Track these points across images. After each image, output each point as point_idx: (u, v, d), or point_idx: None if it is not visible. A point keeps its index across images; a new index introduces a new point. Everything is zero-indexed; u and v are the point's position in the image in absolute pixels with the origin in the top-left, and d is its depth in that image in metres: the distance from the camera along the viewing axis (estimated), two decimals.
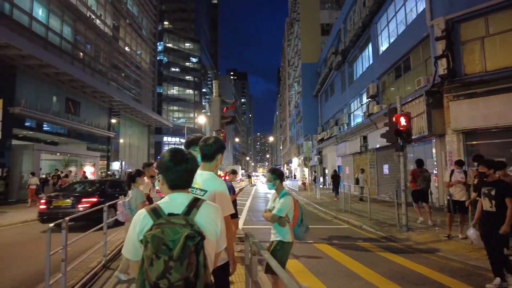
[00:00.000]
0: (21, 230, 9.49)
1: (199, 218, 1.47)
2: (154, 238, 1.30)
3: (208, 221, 1.51)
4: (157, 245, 1.29)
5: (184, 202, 1.52)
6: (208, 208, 1.54)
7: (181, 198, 1.53)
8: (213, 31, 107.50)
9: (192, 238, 1.31)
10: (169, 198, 1.55)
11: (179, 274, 1.27)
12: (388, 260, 6.00)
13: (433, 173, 12.28)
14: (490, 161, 4.69)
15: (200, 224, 1.43)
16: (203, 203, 1.54)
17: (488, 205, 4.47)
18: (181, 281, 1.28)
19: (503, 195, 4.32)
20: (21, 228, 9.76)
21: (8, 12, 18.76)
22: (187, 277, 1.29)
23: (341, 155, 25.01)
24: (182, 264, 1.27)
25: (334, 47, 26.76)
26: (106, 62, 31.32)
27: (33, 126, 21.04)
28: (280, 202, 3.56)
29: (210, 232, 1.49)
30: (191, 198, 1.55)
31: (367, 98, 18.98)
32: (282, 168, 73.53)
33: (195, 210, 1.49)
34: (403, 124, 8.25)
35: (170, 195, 1.56)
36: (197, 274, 1.33)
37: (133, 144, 38.93)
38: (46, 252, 3.54)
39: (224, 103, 8.04)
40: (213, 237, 1.53)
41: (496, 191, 4.40)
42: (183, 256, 1.28)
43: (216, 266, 1.68)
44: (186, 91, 69.50)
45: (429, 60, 12.70)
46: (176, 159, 1.55)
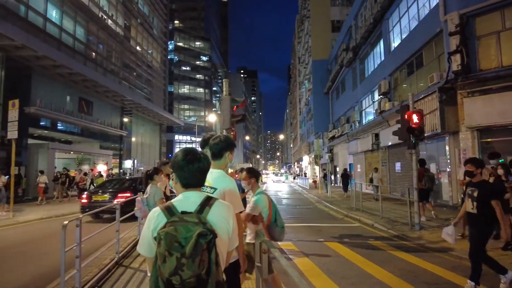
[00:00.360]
0: (38, 227, 9.72)
1: (212, 217, 1.49)
2: (167, 236, 1.33)
3: (221, 219, 1.53)
4: (170, 242, 1.32)
5: (197, 200, 1.54)
6: (220, 207, 1.57)
7: (194, 197, 1.56)
8: (223, 29, 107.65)
9: (204, 236, 1.34)
10: (182, 196, 1.58)
11: (191, 271, 1.29)
12: (400, 259, 5.93)
13: (446, 171, 12.08)
14: (478, 160, 4.53)
15: (212, 223, 1.45)
16: (215, 201, 1.57)
17: (470, 206, 4.32)
18: (193, 278, 1.30)
19: (486, 197, 4.16)
20: (37, 225, 10.00)
21: (23, 14, 19.16)
22: (199, 274, 1.31)
23: (353, 153, 24.78)
24: (194, 261, 1.30)
25: (345, 44, 26.48)
26: (118, 61, 31.71)
27: (47, 126, 21.49)
28: (253, 200, 3.45)
29: (222, 230, 1.51)
30: (204, 196, 1.58)
31: (378, 95, 18.73)
32: (292, 166, 72.86)
33: (208, 208, 1.52)
34: (415, 121, 8.12)
35: (184, 193, 1.59)
36: (209, 272, 1.35)
37: (145, 142, 39.37)
38: (61, 249, 3.61)
39: (234, 102, 8.05)
40: (225, 235, 1.55)
41: (478, 193, 4.23)
42: (195, 254, 1.30)
43: (227, 264, 1.70)
44: (196, 90, 69.84)
45: (442, 56, 12.45)
46: (188, 158, 1.58)
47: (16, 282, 4.85)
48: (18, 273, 5.27)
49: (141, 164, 36.00)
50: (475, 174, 4.36)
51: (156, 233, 1.40)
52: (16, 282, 4.87)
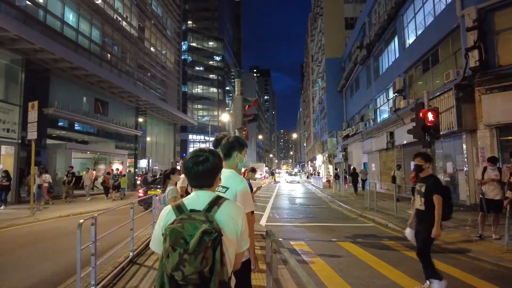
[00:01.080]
0: (56, 224, 9.99)
1: (220, 216, 1.51)
2: (172, 232, 1.37)
3: (228, 219, 1.53)
4: (175, 238, 1.35)
5: (206, 199, 1.57)
6: (229, 207, 1.58)
7: (204, 196, 1.59)
8: (236, 29, 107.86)
9: (209, 233, 1.35)
10: (193, 195, 1.62)
11: (193, 268, 1.31)
12: (414, 259, 5.78)
13: (463, 170, 11.80)
14: (426, 154, 4.35)
15: (220, 221, 1.47)
16: (225, 201, 1.58)
17: (418, 202, 4.16)
18: (195, 274, 1.32)
19: (431, 192, 4.00)
20: (55, 223, 10.27)
21: (42, 18, 19.69)
22: (201, 271, 1.32)
23: (367, 152, 24.48)
24: (197, 258, 1.31)
25: (358, 41, 26.15)
26: (132, 62, 32.19)
27: (65, 126, 22.02)
28: None
29: (229, 230, 1.52)
30: (213, 196, 1.60)
31: (393, 93, 18.44)
32: (306, 165, 72.00)
33: (216, 207, 1.54)
34: (430, 120, 7.97)
35: (195, 192, 1.63)
36: (212, 270, 1.36)
37: (160, 142, 39.86)
38: (77, 246, 3.71)
39: (246, 101, 8.07)
40: (233, 236, 1.54)
41: (425, 188, 4.07)
42: (198, 250, 1.31)
43: (237, 267, 1.70)
44: (210, 90, 70.32)
45: (459, 52, 12.15)
46: (193, 160, 1.60)
47: (36, 278, 5.01)
48: (38, 269, 5.43)
49: (156, 164, 36.50)
50: (424, 169, 4.20)
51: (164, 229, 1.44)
52: (35, 277, 5.03)
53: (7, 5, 17.07)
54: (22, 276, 5.11)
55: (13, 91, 17.02)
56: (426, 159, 4.20)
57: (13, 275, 5.10)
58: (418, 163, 4.20)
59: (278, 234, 7.96)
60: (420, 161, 4.19)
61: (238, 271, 2.30)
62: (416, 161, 4.23)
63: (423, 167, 4.19)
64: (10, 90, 16.97)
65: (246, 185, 2.37)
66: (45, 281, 4.85)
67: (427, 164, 4.19)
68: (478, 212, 7.29)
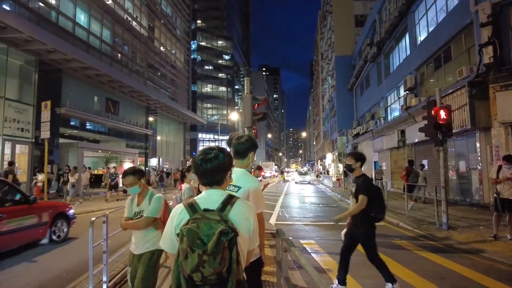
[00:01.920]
0: None
1: (233, 215, 1.51)
2: (189, 232, 1.36)
3: (242, 218, 1.54)
4: (192, 239, 1.34)
5: (219, 198, 1.57)
6: (241, 206, 1.58)
7: (217, 195, 1.59)
8: (245, 27, 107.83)
9: (226, 234, 1.35)
10: (205, 194, 1.61)
11: (212, 268, 1.31)
12: (426, 259, 5.74)
13: (477, 169, 11.59)
14: (358, 153, 4.16)
15: (233, 221, 1.47)
16: (237, 200, 1.59)
17: (352, 203, 4.03)
18: (214, 275, 1.32)
19: (359, 191, 3.85)
20: None
21: (54, 19, 20.03)
22: (220, 271, 1.33)
23: (378, 151, 24.23)
24: (216, 258, 1.31)
25: (369, 39, 25.87)
26: (142, 62, 32.50)
27: (77, 125, 22.38)
28: (154, 200, 3.03)
29: (243, 229, 1.53)
30: (226, 195, 1.60)
31: (404, 91, 18.20)
32: (315, 164, 70.99)
33: (230, 207, 1.54)
34: (443, 117, 7.82)
35: (206, 191, 1.62)
36: (230, 270, 1.37)
37: (170, 141, 40.17)
38: (89, 244, 3.76)
39: (255, 100, 8.06)
40: (246, 234, 1.56)
41: (356, 188, 3.92)
42: (217, 251, 1.32)
43: (248, 264, 1.72)
44: (219, 89, 70.57)
45: (472, 48, 11.91)
46: (202, 157, 1.59)
47: (49, 275, 5.09)
48: (51, 267, 5.52)
49: (166, 162, 36.82)
50: (354, 168, 4.00)
51: (179, 229, 1.43)
52: (48, 274, 5.12)
53: (21, 6, 17.40)
54: (34, 273, 5.21)
55: (27, 91, 17.37)
56: (357, 159, 4.01)
57: (26, 272, 5.20)
58: (348, 162, 4.04)
59: (288, 232, 7.94)
60: (350, 160, 4.03)
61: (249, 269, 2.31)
62: (347, 161, 4.07)
63: (353, 167, 4.01)
64: (24, 90, 17.32)
65: (259, 185, 2.39)
66: (58, 278, 4.93)
67: (357, 164, 3.99)
68: (493, 212, 7.15)
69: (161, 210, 3.03)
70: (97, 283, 3.98)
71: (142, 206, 3.06)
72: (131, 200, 3.15)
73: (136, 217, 3.04)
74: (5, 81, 15.92)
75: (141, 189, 3.08)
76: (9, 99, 16.00)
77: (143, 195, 3.10)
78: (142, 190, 3.09)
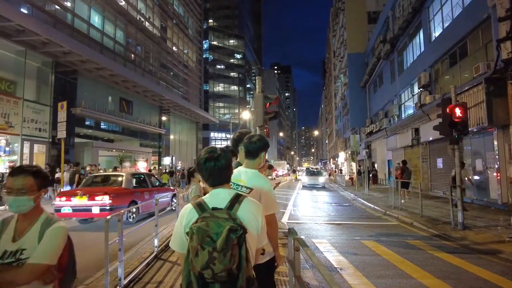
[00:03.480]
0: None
1: (241, 213, 1.54)
2: (199, 230, 1.39)
3: (250, 215, 1.56)
4: (202, 237, 1.37)
5: (226, 197, 1.59)
6: (249, 204, 1.60)
7: (224, 194, 1.61)
8: (257, 26, 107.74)
9: (235, 231, 1.38)
10: (213, 193, 1.63)
11: (223, 265, 1.33)
12: (441, 259, 5.65)
13: (494, 168, 11.30)
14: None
15: (242, 219, 1.50)
16: (244, 199, 1.61)
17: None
18: (224, 272, 1.34)
19: None
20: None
21: (70, 22, 20.47)
22: (230, 268, 1.35)
23: (391, 149, 23.90)
24: (226, 255, 1.34)
25: (382, 36, 25.48)
26: (155, 62, 32.87)
27: (91, 125, 22.84)
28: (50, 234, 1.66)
29: (251, 227, 1.55)
30: (233, 193, 1.62)
31: (418, 88, 17.87)
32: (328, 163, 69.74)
33: (237, 205, 1.56)
34: (458, 115, 7.66)
35: (213, 190, 1.63)
36: (240, 267, 1.39)
37: (183, 140, 40.56)
38: (105, 242, 3.84)
39: (267, 99, 8.06)
40: (254, 232, 1.58)
41: None
42: (226, 248, 1.34)
43: (257, 262, 1.73)
44: (231, 88, 70.81)
45: (489, 44, 11.61)
46: (205, 157, 1.61)
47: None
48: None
49: (179, 161, 37.19)
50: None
51: (188, 228, 1.45)
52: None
53: (38, 10, 17.83)
54: None
55: (44, 92, 17.81)
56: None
57: None
58: None
59: (300, 232, 7.93)
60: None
61: (263, 268, 2.32)
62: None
63: None
64: (42, 91, 17.77)
65: (270, 186, 2.36)
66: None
67: None
68: (511, 212, 6.97)
69: (59, 251, 1.68)
70: (112, 280, 4.07)
71: (23, 241, 1.66)
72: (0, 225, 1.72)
73: (7, 260, 1.61)
74: (23, 82, 16.37)
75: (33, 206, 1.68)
76: (27, 100, 16.45)
77: (31, 220, 1.70)
78: (32, 210, 1.69)
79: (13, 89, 15.91)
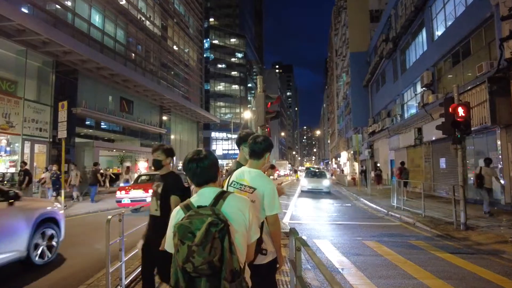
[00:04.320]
0: (85, 221, 10.33)
1: (226, 208, 1.58)
2: (180, 227, 1.44)
3: (235, 211, 1.60)
4: (183, 233, 1.42)
5: (211, 195, 1.64)
6: (234, 199, 1.64)
7: (209, 192, 1.66)
8: (258, 25, 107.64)
9: (215, 225, 1.42)
10: (198, 193, 1.69)
11: (202, 258, 1.37)
12: (443, 260, 5.58)
13: (497, 167, 11.21)
14: (169, 148, 3.45)
15: (226, 214, 1.54)
16: (229, 195, 1.65)
17: (154, 207, 3.25)
18: (205, 264, 1.37)
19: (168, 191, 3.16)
20: (84, 219, 10.63)
21: (70, 21, 20.43)
22: (210, 261, 1.38)
23: (394, 149, 23.80)
24: (205, 248, 1.37)
25: (384, 34, 25.39)
26: (156, 61, 32.82)
27: (92, 125, 22.82)
28: None
29: (237, 222, 1.58)
30: (218, 191, 1.67)
31: (421, 88, 17.78)
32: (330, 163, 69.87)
33: (222, 201, 1.60)
34: (461, 115, 7.59)
35: (200, 190, 1.70)
36: (222, 259, 1.42)
37: (183, 139, 40.53)
38: (106, 242, 3.79)
39: (268, 98, 8.00)
40: (242, 226, 1.60)
41: (162, 188, 3.24)
42: (206, 241, 1.37)
43: (253, 259, 1.75)
44: (232, 87, 70.76)
45: (493, 43, 11.51)
46: (188, 159, 1.70)
47: (67, 271, 5.18)
48: (68, 264, 5.62)
49: (180, 161, 37.16)
50: (164, 165, 3.34)
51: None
52: (66, 270, 5.20)
53: (39, 9, 17.80)
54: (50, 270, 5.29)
55: (44, 92, 17.79)
56: (168, 154, 3.37)
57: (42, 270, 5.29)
58: (157, 157, 3.34)
59: (302, 232, 7.87)
60: (159, 155, 3.33)
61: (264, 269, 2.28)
62: (155, 156, 3.35)
63: (163, 163, 3.35)
64: (42, 91, 17.74)
65: (273, 186, 2.36)
66: (75, 275, 5.00)
67: (168, 160, 3.37)
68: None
69: None
70: (113, 280, 4.02)
71: None
72: None
73: None
74: (24, 82, 16.34)
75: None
76: (28, 99, 16.42)
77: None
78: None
79: (14, 89, 15.88)
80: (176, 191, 3.15)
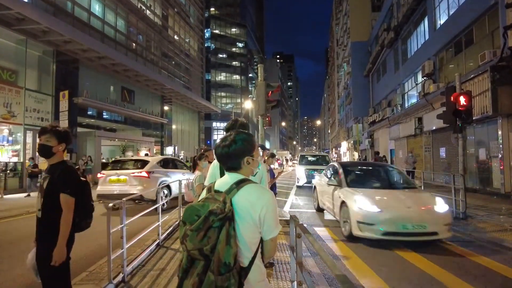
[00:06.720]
0: None
1: (237, 198, 1.51)
2: (188, 209, 1.46)
3: (245, 203, 1.50)
4: (190, 215, 1.44)
5: (230, 182, 1.59)
6: (248, 190, 1.54)
7: (231, 178, 1.61)
8: (259, 14, 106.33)
9: (215, 213, 1.39)
10: (224, 177, 1.67)
11: (192, 244, 1.37)
12: (442, 247, 5.66)
13: (497, 157, 11.26)
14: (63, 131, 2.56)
15: (236, 203, 1.49)
16: (247, 184, 1.55)
17: (37, 205, 2.49)
18: (195, 250, 1.38)
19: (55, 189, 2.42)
20: None
21: (70, 10, 20.26)
22: (201, 248, 1.37)
23: (394, 138, 23.82)
24: (197, 235, 1.36)
25: (386, 24, 25.16)
26: (157, 51, 32.62)
27: (93, 115, 22.81)
28: None
29: (244, 214, 1.49)
30: (238, 178, 1.59)
31: (422, 77, 17.70)
32: (330, 153, 70.13)
33: (235, 190, 1.53)
34: (462, 104, 7.59)
35: (226, 174, 1.67)
36: (214, 249, 1.37)
37: (185, 129, 40.52)
38: (107, 230, 3.86)
39: (269, 87, 8.01)
40: (249, 219, 1.49)
41: (49, 181, 2.45)
42: (200, 228, 1.37)
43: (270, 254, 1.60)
44: (233, 77, 70.38)
45: (496, 31, 11.42)
46: (218, 144, 1.67)
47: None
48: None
49: (181, 151, 37.28)
50: (55, 152, 2.50)
51: None
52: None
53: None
54: None
55: (45, 82, 17.73)
56: (61, 138, 2.52)
57: None
58: (46, 142, 2.47)
59: (302, 220, 7.96)
60: (49, 139, 2.48)
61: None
62: (43, 140, 2.48)
63: (53, 150, 2.49)
64: (43, 80, 17.69)
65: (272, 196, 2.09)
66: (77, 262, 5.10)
67: (60, 146, 2.52)
68: None
69: None
70: (115, 267, 4.10)
71: None
72: None
73: None
74: (25, 72, 16.30)
75: None
76: (29, 89, 16.40)
77: None
78: None
79: (14, 78, 15.85)
80: (67, 188, 2.41)
